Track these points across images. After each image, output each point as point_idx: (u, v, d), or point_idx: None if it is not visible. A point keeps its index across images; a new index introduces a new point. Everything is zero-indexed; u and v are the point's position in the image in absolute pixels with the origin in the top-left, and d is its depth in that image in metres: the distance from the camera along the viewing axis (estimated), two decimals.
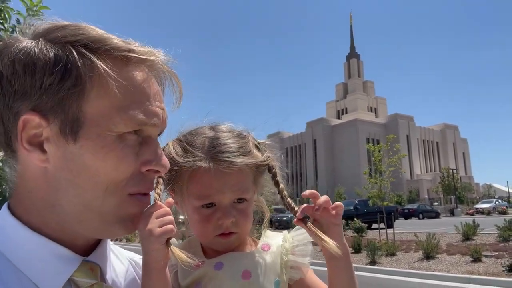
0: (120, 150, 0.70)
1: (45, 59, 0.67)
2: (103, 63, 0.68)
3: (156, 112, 0.75)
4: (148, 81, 0.75)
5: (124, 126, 0.70)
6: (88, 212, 0.71)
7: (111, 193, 0.71)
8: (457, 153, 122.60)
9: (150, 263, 0.81)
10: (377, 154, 18.06)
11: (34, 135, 0.68)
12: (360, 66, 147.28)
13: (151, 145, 0.76)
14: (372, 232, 20.94)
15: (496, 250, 12.56)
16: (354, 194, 59.41)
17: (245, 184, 0.97)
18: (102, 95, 0.69)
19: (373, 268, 12.61)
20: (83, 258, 0.76)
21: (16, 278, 0.68)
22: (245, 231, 1.01)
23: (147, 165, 0.74)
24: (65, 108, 0.67)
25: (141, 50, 0.73)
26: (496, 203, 50.84)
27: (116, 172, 0.70)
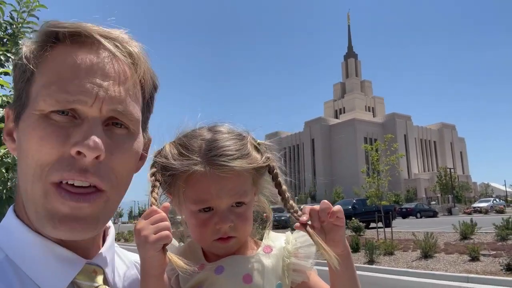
0: (41, 129, 0.67)
1: (18, 63, 0.74)
2: (36, 47, 0.72)
3: (84, 89, 0.68)
4: (80, 56, 0.70)
5: (44, 103, 0.67)
6: (28, 200, 0.70)
7: (37, 178, 0.67)
8: (455, 152, 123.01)
9: (147, 269, 0.79)
10: (374, 154, 18.09)
11: (11, 127, 0.76)
12: (357, 65, 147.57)
13: (83, 126, 0.68)
14: (370, 231, 20.99)
15: (494, 249, 12.59)
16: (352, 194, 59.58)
17: (243, 187, 0.94)
18: (38, 78, 0.70)
19: (371, 267, 12.63)
20: (86, 260, 0.75)
21: (19, 280, 0.68)
22: (244, 235, 0.98)
23: (74, 147, 0.66)
24: (21, 98, 0.72)
25: (66, 24, 0.72)
26: (494, 202, 50.98)
27: (39, 154, 0.67)
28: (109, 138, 0.71)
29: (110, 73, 0.71)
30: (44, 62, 0.71)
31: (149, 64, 0.80)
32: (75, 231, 0.68)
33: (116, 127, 0.73)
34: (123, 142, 0.74)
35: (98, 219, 0.72)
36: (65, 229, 0.67)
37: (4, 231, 0.74)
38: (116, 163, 0.72)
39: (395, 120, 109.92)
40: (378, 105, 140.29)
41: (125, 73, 0.74)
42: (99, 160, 0.68)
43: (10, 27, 2.64)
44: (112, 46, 0.73)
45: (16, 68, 0.74)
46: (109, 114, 0.71)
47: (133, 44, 0.77)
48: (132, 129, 0.76)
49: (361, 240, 15.60)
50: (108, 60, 0.72)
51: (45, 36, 0.72)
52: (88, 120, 0.69)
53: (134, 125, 0.76)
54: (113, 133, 0.72)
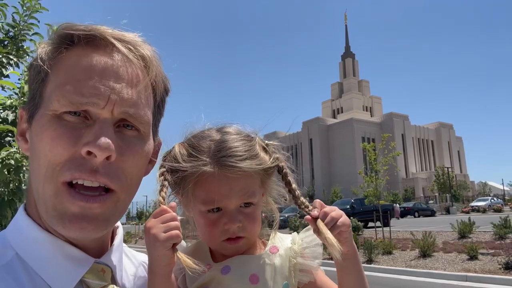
0: (53, 130, 0.68)
1: (33, 62, 0.75)
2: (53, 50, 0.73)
3: (97, 91, 0.69)
4: (94, 59, 0.71)
5: (58, 103, 0.68)
6: (39, 199, 0.71)
7: (48, 178, 0.68)
8: (452, 152, 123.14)
9: (155, 268, 0.80)
10: (372, 153, 18.11)
11: (24, 128, 0.77)
12: (355, 65, 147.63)
13: (94, 127, 0.69)
14: (368, 231, 21.01)
15: (492, 248, 12.63)
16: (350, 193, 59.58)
17: (251, 188, 0.94)
18: (53, 79, 0.71)
19: (370, 267, 12.65)
20: (95, 259, 0.76)
21: (30, 278, 0.69)
22: (253, 235, 0.99)
23: (85, 147, 0.67)
24: (35, 99, 0.73)
25: (80, 27, 0.73)
26: (492, 201, 51.10)
27: (51, 154, 0.68)
28: (120, 140, 0.71)
29: (123, 75, 0.73)
30: (59, 63, 0.72)
31: (161, 67, 0.81)
32: (85, 231, 0.69)
33: (127, 129, 0.74)
34: (134, 144, 0.75)
35: (109, 219, 0.73)
36: (75, 228, 0.68)
37: (15, 229, 0.75)
38: (126, 164, 0.73)
39: (392, 120, 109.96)
40: (375, 104, 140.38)
41: (138, 76, 0.75)
42: (110, 161, 0.69)
43: (12, 30, 2.65)
44: (125, 49, 0.74)
45: (31, 69, 0.75)
46: (120, 116, 0.72)
47: (146, 47, 0.78)
48: (142, 132, 0.77)
49: (360, 240, 15.63)
50: (121, 63, 0.73)
51: (60, 38, 0.73)
52: (100, 121, 0.70)
53: (144, 128, 0.77)
54: (124, 135, 0.73)
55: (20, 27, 2.62)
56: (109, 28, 0.75)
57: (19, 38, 2.60)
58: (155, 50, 0.80)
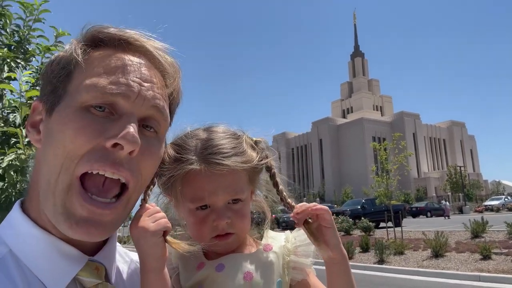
0: (78, 120, 0.69)
1: (57, 58, 0.77)
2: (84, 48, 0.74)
3: (129, 83, 0.71)
4: (125, 58, 0.74)
5: (87, 95, 0.69)
6: (48, 191, 0.70)
7: (65, 170, 0.68)
8: (465, 150, 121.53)
9: (148, 263, 0.80)
10: (382, 153, 17.97)
11: (37, 119, 0.77)
12: (364, 64, 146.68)
13: (121, 120, 0.70)
14: (380, 231, 20.84)
15: (506, 247, 12.42)
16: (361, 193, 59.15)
17: (239, 184, 0.96)
18: (81, 73, 0.72)
19: (381, 267, 12.54)
20: (89, 257, 0.76)
21: (23, 275, 0.69)
22: (242, 232, 1.00)
23: (111, 139, 0.68)
24: (57, 92, 0.73)
25: (112, 30, 0.75)
26: (505, 200, 50.25)
27: (73, 145, 0.68)
28: (141, 138, 0.72)
29: (151, 77, 0.76)
30: (90, 59, 0.74)
31: (181, 80, 0.85)
32: (91, 235, 0.70)
33: (146, 130, 0.76)
34: (152, 144, 0.76)
35: (116, 223, 0.74)
36: (81, 232, 0.69)
37: (9, 226, 0.75)
38: (144, 164, 0.74)
39: (403, 119, 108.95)
40: (386, 104, 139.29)
41: (162, 81, 0.79)
42: (131, 156, 0.70)
43: (17, 34, 2.68)
44: (156, 54, 0.78)
45: (54, 63, 0.76)
46: (148, 112, 0.74)
47: (171, 58, 0.82)
48: (160, 133, 0.79)
49: (371, 240, 15.50)
50: (150, 67, 0.77)
51: (92, 37, 0.76)
52: (127, 116, 0.71)
53: (164, 128, 0.79)
54: (143, 135, 0.75)
55: (25, 32, 2.67)
56: (140, 33, 0.78)
57: (25, 42, 2.64)
58: (177, 62, 0.84)
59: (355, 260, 14.14)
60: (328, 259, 0.93)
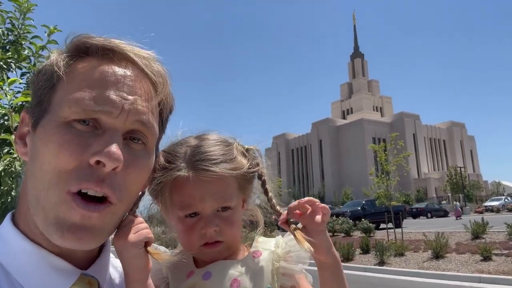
0: (61, 136, 0.67)
1: (43, 69, 0.76)
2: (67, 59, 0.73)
3: (111, 100, 0.69)
4: (109, 70, 0.72)
5: (69, 110, 0.68)
6: (38, 206, 0.69)
7: (53, 185, 0.67)
8: (465, 151, 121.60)
9: (131, 274, 0.79)
10: (382, 154, 17.97)
11: (25, 131, 0.76)
12: (364, 65, 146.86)
13: (105, 136, 0.68)
14: (380, 232, 20.83)
15: (506, 248, 12.41)
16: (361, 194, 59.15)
17: (227, 192, 0.95)
18: (65, 86, 0.71)
19: (381, 269, 12.53)
20: (81, 271, 0.74)
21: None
22: (232, 240, 0.98)
23: (93, 156, 0.66)
24: (41, 105, 0.72)
25: (97, 39, 0.73)
26: (506, 201, 50.25)
27: (57, 160, 0.66)
28: (126, 152, 0.71)
29: (137, 89, 0.74)
30: (73, 71, 0.72)
31: (170, 87, 0.83)
32: (82, 241, 0.68)
33: (133, 142, 0.74)
34: (140, 157, 0.74)
35: (104, 230, 0.72)
36: (72, 238, 0.67)
37: (1, 240, 0.74)
38: (129, 177, 0.72)
39: (403, 120, 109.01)
40: (386, 104, 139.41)
41: (150, 91, 0.76)
42: (115, 172, 0.69)
43: (11, 34, 2.66)
44: (142, 64, 0.75)
45: (39, 74, 0.75)
46: (132, 126, 0.72)
47: (159, 65, 0.79)
48: (149, 145, 0.77)
49: (371, 241, 15.49)
50: (136, 77, 0.75)
51: (77, 48, 0.74)
52: (110, 131, 0.69)
53: (151, 141, 0.77)
54: (130, 148, 0.73)
55: (19, 31, 2.65)
56: (126, 42, 0.76)
57: (19, 42, 2.62)
58: (166, 69, 0.82)
59: (356, 261, 14.13)
60: (320, 263, 0.92)
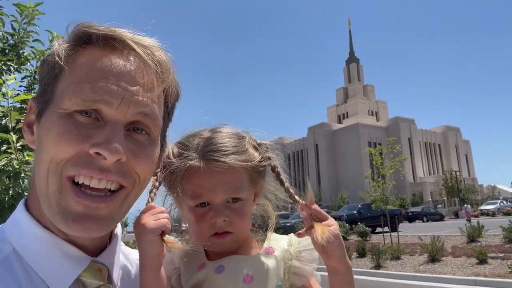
0: (61, 126, 0.68)
1: (47, 59, 0.76)
2: (69, 49, 0.72)
3: (111, 90, 0.69)
4: (111, 59, 0.71)
5: (69, 101, 0.68)
6: (42, 194, 0.70)
7: (52, 173, 0.68)
8: (460, 155, 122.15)
9: (145, 260, 0.81)
10: (377, 158, 18.02)
11: (32, 119, 0.77)
12: (360, 70, 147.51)
13: (106, 128, 0.69)
14: (376, 236, 20.85)
15: (502, 252, 12.45)
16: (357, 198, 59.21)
17: (238, 183, 0.95)
18: (66, 76, 0.71)
19: (378, 272, 12.52)
20: (92, 258, 0.76)
21: (26, 273, 0.69)
22: (241, 231, 0.99)
23: (94, 147, 0.67)
24: (45, 94, 0.73)
25: (99, 28, 0.73)
26: (501, 204, 50.53)
27: (55, 149, 0.67)
28: (131, 143, 0.71)
29: (138, 79, 0.73)
30: (74, 61, 0.72)
31: (175, 74, 0.82)
32: (89, 230, 0.69)
33: (137, 133, 0.74)
34: (145, 147, 0.75)
35: (113, 218, 0.73)
36: (78, 228, 0.68)
37: (14, 225, 0.75)
38: (140, 166, 0.73)
39: (398, 124, 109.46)
40: (381, 109, 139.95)
41: (153, 81, 0.76)
42: (121, 162, 0.69)
43: (12, 38, 2.67)
44: (143, 53, 0.74)
45: (44, 65, 0.75)
46: (134, 118, 0.72)
47: (162, 53, 0.78)
48: (153, 135, 0.77)
49: (367, 245, 15.48)
50: (138, 66, 0.74)
51: (78, 37, 0.74)
52: (111, 124, 0.69)
53: (156, 131, 0.77)
54: (134, 139, 0.73)
55: (20, 35, 2.66)
56: (128, 31, 0.75)
57: (19, 46, 2.63)
58: (170, 56, 0.81)
59: (352, 265, 13.86)
60: (332, 269, 0.91)
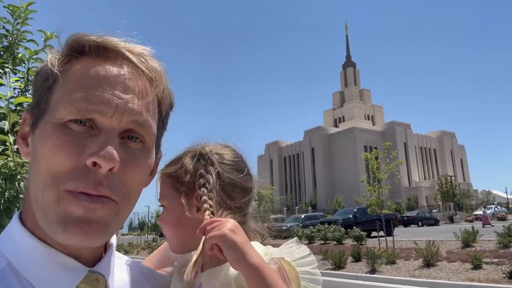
0: (56, 137, 0.67)
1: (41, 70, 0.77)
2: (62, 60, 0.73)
3: (105, 99, 0.69)
4: (104, 69, 0.72)
5: (63, 111, 0.68)
6: (37, 207, 0.69)
7: (48, 186, 0.67)
8: (455, 160, 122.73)
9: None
10: (373, 162, 18.09)
11: (26, 131, 0.77)
12: (356, 74, 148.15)
13: (100, 136, 0.68)
14: (371, 240, 20.87)
15: (496, 257, 12.51)
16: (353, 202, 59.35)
17: (162, 191, 1.07)
18: (60, 86, 0.71)
19: (373, 277, 12.54)
20: (89, 268, 0.75)
21: (21, 287, 0.68)
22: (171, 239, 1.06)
23: (91, 157, 0.66)
24: (40, 105, 0.73)
25: (91, 38, 0.73)
26: (495, 209, 50.80)
27: (53, 162, 0.66)
28: (124, 151, 0.70)
29: (132, 87, 0.73)
30: (68, 72, 0.72)
31: (168, 82, 0.82)
32: (87, 235, 0.67)
33: (131, 141, 0.74)
34: (138, 156, 0.74)
35: (109, 225, 0.71)
36: (78, 232, 0.66)
37: (8, 238, 0.74)
38: (129, 176, 0.72)
39: (394, 128, 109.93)
40: (377, 113, 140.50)
41: (146, 88, 0.76)
42: (112, 172, 0.68)
43: (6, 39, 2.66)
44: (137, 61, 0.75)
45: (38, 75, 0.76)
46: (128, 126, 0.72)
47: (155, 61, 0.79)
48: (147, 144, 0.77)
49: (363, 249, 15.52)
50: (131, 75, 0.74)
51: (71, 48, 0.74)
52: (105, 132, 0.69)
53: (150, 140, 0.77)
54: (128, 147, 0.73)
55: (13, 36, 2.65)
56: (120, 39, 0.76)
57: (14, 47, 2.62)
58: (163, 64, 0.81)
59: (347, 269, 14.13)
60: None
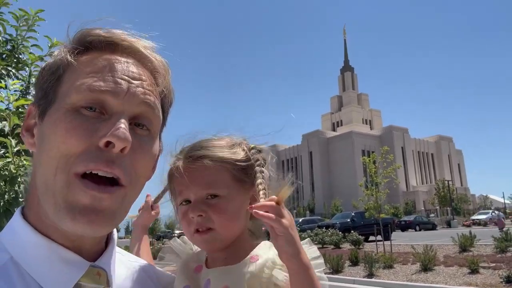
0: (68, 121, 0.69)
1: (47, 65, 0.78)
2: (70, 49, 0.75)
3: (117, 81, 0.72)
4: (113, 58, 0.75)
5: (76, 96, 0.70)
6: (47, 192, 0.70)
7: (60, 170, 0.68)
8: (452, 165, 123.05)
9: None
10: (371, 166, 18.11)
11: (31, 123, 0.78)
12: (354, 79, 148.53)
13: (112, 119, 0.70)
14: (369, 244, 20.86)
15: (494, 262, 12.52)
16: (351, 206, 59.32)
17: (214, 178, 0.97)
18: (71, 76, 0.73)
19: (370, 281, 12.52)
20: (90, 263, 0.76)
21: (24, 282, 0.69)
22: (223, 228, 0.96)
23: (102, 138, 0.67)
24: (48, 96, 0.74)
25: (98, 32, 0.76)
26: (493, 214, 50.83)
27: (64, 145, 0.68)
28: (132, 137, 0.71)
29: (140, 75, 0.76)
30: (78, 61, 0.75)
31: (171, 78, 0.84)
32: (94, 224, 0.68)
33: (138, 128, 0.75)
34: (145, 142, 0.76)
35: (115, 214, 0.72)
36: (84, 221, 0.67)
37: (10, 232, 0.75)
38: (137, 161, 0.73)
39: (392, 133, 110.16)
40: (375, 117, 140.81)
41: (152, 79, 0.79)
42: (123, 154, 0.70)
43: (9, 43, 2.67)
44: (144, 53, 0.78)
45: (44, 70, 0.77)
46: (139, 108, 0.74)
47: (160, 57, 0.82)
48: (153, 131, 0.78)
49: (360, 254, 15.50)
50: (139, 65, 0.77)
51: (78, 42, 0.77)
52: (116, 115, 0.71)
53: (156, 125, 0.79)
54: (135, 133, 0.74)
55: (18, 40, 2.67)
56: (127, 33, 0.78)
57: (18, 51, 2.63)
58: (166, 61, 0.83)
59: (345, 273, 14.10)
60: (288, 268, 0.85)
